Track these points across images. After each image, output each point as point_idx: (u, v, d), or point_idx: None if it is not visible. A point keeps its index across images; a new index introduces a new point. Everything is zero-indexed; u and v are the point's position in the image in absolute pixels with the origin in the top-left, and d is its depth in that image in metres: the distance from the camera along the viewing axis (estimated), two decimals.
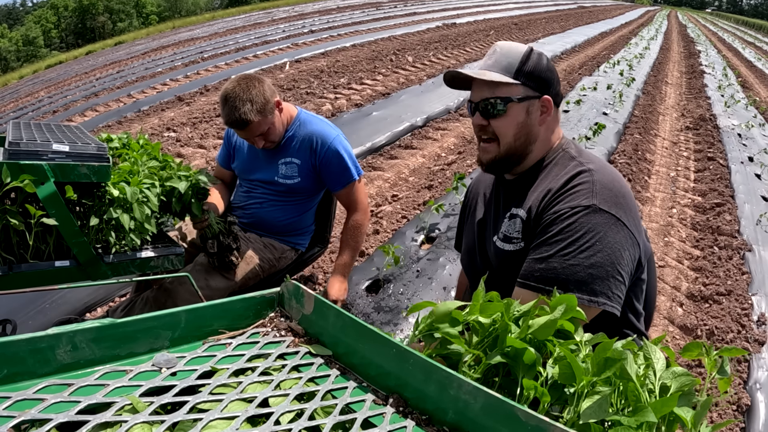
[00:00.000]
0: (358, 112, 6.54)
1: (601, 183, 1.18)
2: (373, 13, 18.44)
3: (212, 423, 0.62)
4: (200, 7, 54.80)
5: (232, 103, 1.94)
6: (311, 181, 2.19)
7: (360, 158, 5.25)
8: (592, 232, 1.12)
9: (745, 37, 32.74)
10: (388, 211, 4.09)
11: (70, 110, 7.76)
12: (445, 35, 13.68)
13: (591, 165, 1.23)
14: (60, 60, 20.75)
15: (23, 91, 12.16)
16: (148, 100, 7.57)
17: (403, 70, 9.26)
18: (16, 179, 1.22)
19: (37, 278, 1.36)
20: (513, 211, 1.29)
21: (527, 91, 1.25)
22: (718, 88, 10.68)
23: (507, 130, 1.26)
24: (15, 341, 0.67)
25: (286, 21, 17.01)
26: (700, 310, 3.15)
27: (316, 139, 2.13)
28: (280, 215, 2.22)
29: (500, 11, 21.35)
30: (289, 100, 7.04)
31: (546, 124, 1.29)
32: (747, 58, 19.77)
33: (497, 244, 1.31)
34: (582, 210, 1.14)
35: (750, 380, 2.44)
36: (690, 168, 5.92)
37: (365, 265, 3.06)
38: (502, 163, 1.31)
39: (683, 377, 0.71)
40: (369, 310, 2.67)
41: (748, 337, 2.83)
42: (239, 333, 0.85)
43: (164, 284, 1.97)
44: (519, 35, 15.11)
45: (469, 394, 0.65)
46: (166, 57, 11.97)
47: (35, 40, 45.91)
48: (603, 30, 19.05)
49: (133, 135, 2.02)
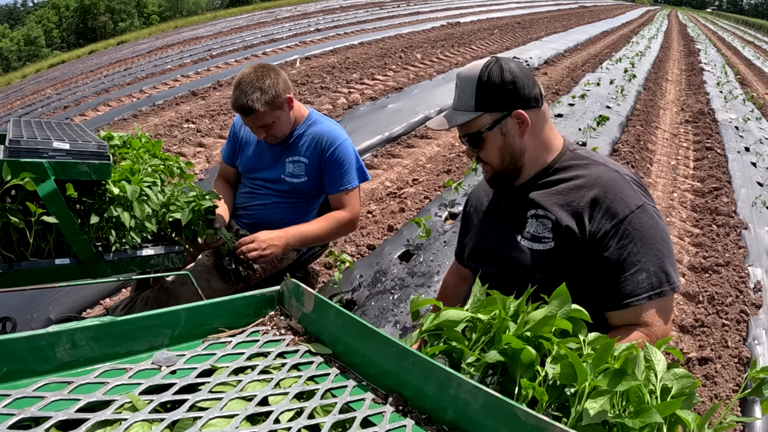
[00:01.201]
0: (373, 104, 6.77)
1: (631, 178, 1.28)
2: (377, 12, 18.58)
3: (212, 421, 0.62)
4: (201, 7, 54.82)
5: (243, 87, 1.95)
6: (317, 181, 2.18)
7: (378, 147, 5.48)
8: (655, 227, 1.23)
9: (744, 36, 32.93)
10: (411, 192, 4.34)
11: (81, 105, 7.85)
12: (450, 34, 13.89)
13: (611, 165, 1.31)
14: (63, 59, 20.76)
15: (28, 89, 12.23)
16: (161, 95, 7.71)
17: (413, 67, 9.46)
18: (17, 177, 1.22)
19: (38, 276, 1.36)
20: (538, 212, 1.31)
21: (494, 116, 1.29)
22: (717, 84, 10.89)
23: (492, 157, 1.34)
24: (15, 339, 0.67)
25: (291, 20, 17.11)
26: (701, 279, 3.36)
27: (326, 140, 2.12)
28: (282, 217, 2.21)
29: (502, 11, 21.44)
30: (304, 94, 7.32)
31: (529, 133, 1.31)
32: (746, 56, 19.91)
33: (523, 244, 1.33)
34: (638, 210, 1.22)
35: (749, 337, 2.73)
36: (689, 157, 6.19)
37: (395, 239, 3.42)
38: (501, 179, 1.38)
39: (684, 379, 0.70)
40: (404, 275, 3.02)
41: (746, 301, 3.07)
42: (239, 331, 0.85)
43: (165, 284, 1.97)
44: (522, 34, 15.22)
45: (468, 393, 0.64)
46: (174, 54, 12.07)
47: (37, 39, 45.94)
48: (604, 29, 19.15)
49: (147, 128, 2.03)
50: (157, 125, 6.27)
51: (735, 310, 2.98)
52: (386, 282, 2.96)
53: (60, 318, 2.48)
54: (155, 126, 6.25)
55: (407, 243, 3.34)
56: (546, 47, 12.51)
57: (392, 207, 4.06)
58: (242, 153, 2.26)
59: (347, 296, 2.85)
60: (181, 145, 5.50)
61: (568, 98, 7.46)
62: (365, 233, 3.59)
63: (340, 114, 6.39)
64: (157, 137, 5.78)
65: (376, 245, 3.40)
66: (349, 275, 3.00)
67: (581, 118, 6.52)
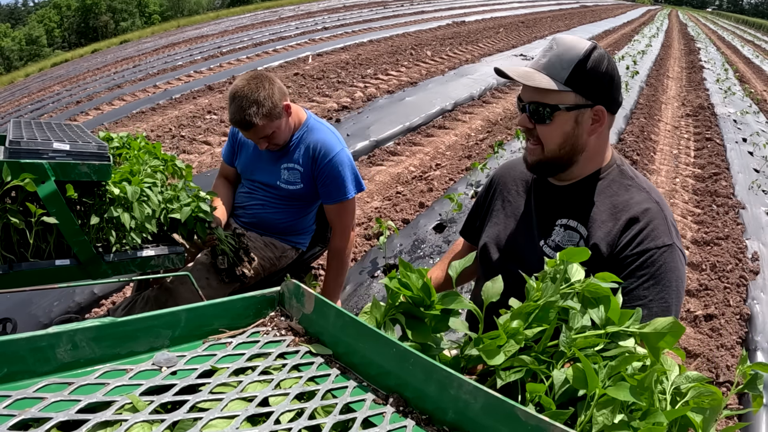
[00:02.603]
0: (391, 97, 7.16)
1: (669, 216, 1.22)
2: (381, 11, 18.84)
3: (212, 422, 0.62)
4: (203, 7, 54.86)
5: (239, 102, 1.92)
6: (313, 188, 2.17)
7: (400, 135, 5.78)
8: (675, 271, 1.17)
9: (744, 35, 33.22)
10: (436, 174, 4.72)
11: (94, 100, 8.00)
12: (457, 32, 14.17)
13: (653, 194, 1.25)
14: (66, 58, 20.75)
15: (34, 87, 12.37)
16: (177, 89, 7.93)
17: (424, 63, 9.82)
18: (17, 178, 1.22)
19: (38, 277, 1.36)
20: (569, 222, 1.26)
21: (578, 99, 1.18)
22: (717, 81, 11.31)
23: (552, 138, 1.21)
24: (15, 340, 0.67)
25: (295, 19, 17.29)
26: (704, 251, 3.76)
27: (320, 149, 2.09)
28: (280, 217, 2.21)
29: (505, 10, 21.71)
30: (322, 88, 7.71)
31: (597, 134, 1.22)
32: (745, 55, 20.25)
33: (545, 251, 1.27)
34: (666, 249, 1.17)
35: (748, 298, 3.14)
36: (690, 147, 6.62)
37: (428, 213, 3.85)
38: (546, 167, 1.27)
39: (702, 388, 0.68)
40: (439, 243, 3.47)
41: (745, 268, 3.47)
42: (239, 332, 0.85)
43: (165, 283, 1.97)
44: (527, 33, 15.44)
45: (469, 393, 0.64)
46: (182, 52, 12.25)
47: (38, 39, 45.96)
48: (606, 28, 19.47)
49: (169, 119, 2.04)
50: (178, 117, 6.48)
51: (735, 275, 3.33)
52: (424, 248, 3.41)
53: (60, 319, 2.48)
54: (176, 117, 6.44)
55: (439, 217, 3.79)
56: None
57: (420, 187, 4.40)
58: (240, 154, 2.26)
59: (390, 261, 3.22)
60: (206, 134, 5.73)
61: None
62: (399, 209, 3.99)
63: (360, 106, 6.70)
64: (180, 127, 6.00)
65: (411, 219, 3.80)
66: (391, 243, 3.42)
67: None
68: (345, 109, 6.62)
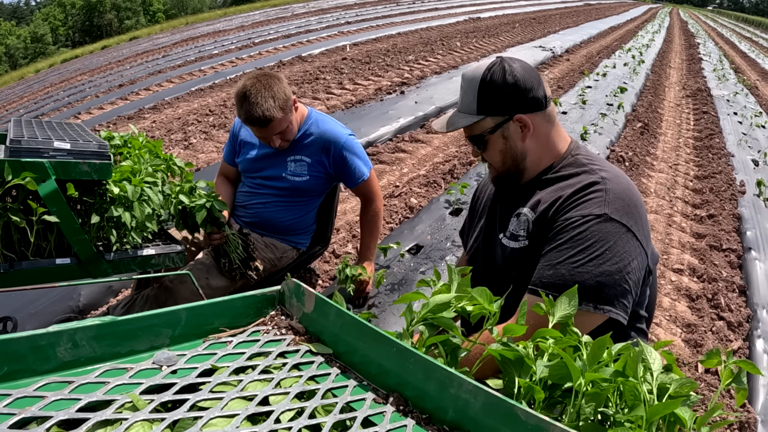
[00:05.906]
0: (439, 77, 8.26)
1: (614, 192, 1.18)
2: (395, 8, 19.49)
3: (212, 421, 0.62)
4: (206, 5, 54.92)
5: (253, 99, 1.90)
6: (318, 180, 2.19)
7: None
8: (602, 241, 1.13)
9: (743, 32, 33.70)
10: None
11: (124, 89, 8.43)
12: (476, 27, 15.06)
13: (604, 173, 1.23)
14: (75, 54, 20.80)
15: (49, 80, 12.69)
16: (226, 72, 8.72)
17: (456, 53, 10.71)
18: (18, 177, 1.22)
19: (38, 276, 1.36)
20: (520, 210, 1.30)
21: (495, 120, 1.27)
22: (713, 71, 12.50)
23: (493, 159, 1.34)
24: (15, 339, 0.67)
25: (308, 15, 17.74)
26: (703, 182, 5.10)
27: (330, 140, 2.14)
28: (282, 216, 2.21)
29: (514, 7, 22.61)
30: (374, 69, 8.65)
31: (531, 136, 1.28)
32: (742, 50, 20.92)
33: (503, 242, 1.32)
34: (594, 218, 1.15)
35: (738, 207, 4.38)
36: (690, 118, 8.03)
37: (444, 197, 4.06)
38: (504, 180, 1.38)
39: (683, 380, 0.70)
40: (457, 226, 3.49)
41: (735, 190, 4.73)
42: (240, 331, 0.85)
43: (165, 282, 1.97)
44: (540, 28, 16.21)
45: (469, 393, 0.64)
46: (208, 44, 12.69)
47: (43, 37, 45.95)
48: (612, 24, 20.13)
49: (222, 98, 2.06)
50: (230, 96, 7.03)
51: (728, 194, 4.65)
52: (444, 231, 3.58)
53: (61, 317, 2.48)
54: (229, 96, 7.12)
55: (454, 201, 3.90)
56: (564, 39, 13.74)
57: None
58: (242, 153, 2.27)
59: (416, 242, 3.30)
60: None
61: (593, 76, 9.25)
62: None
63: (415, 83, 7.72)
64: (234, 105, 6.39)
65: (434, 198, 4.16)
66: (411, 223, 3.56)
67: (606, 89, 8.34)
68: (404, 84, 7.63)
